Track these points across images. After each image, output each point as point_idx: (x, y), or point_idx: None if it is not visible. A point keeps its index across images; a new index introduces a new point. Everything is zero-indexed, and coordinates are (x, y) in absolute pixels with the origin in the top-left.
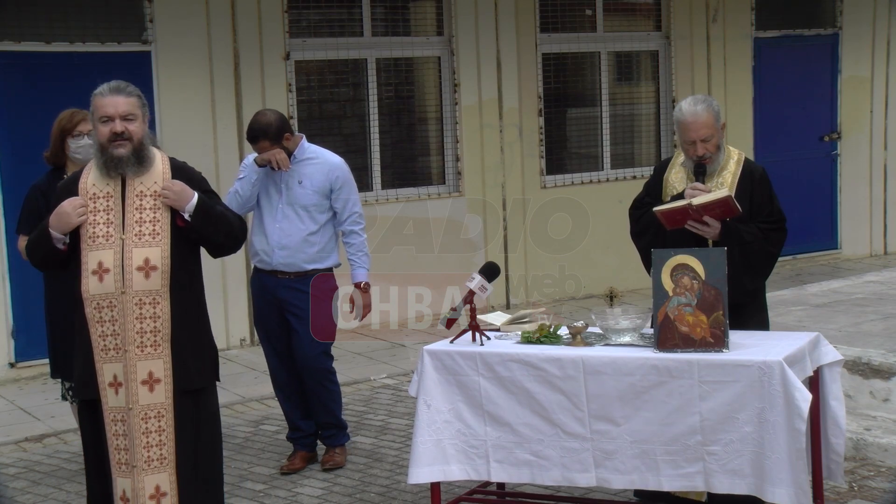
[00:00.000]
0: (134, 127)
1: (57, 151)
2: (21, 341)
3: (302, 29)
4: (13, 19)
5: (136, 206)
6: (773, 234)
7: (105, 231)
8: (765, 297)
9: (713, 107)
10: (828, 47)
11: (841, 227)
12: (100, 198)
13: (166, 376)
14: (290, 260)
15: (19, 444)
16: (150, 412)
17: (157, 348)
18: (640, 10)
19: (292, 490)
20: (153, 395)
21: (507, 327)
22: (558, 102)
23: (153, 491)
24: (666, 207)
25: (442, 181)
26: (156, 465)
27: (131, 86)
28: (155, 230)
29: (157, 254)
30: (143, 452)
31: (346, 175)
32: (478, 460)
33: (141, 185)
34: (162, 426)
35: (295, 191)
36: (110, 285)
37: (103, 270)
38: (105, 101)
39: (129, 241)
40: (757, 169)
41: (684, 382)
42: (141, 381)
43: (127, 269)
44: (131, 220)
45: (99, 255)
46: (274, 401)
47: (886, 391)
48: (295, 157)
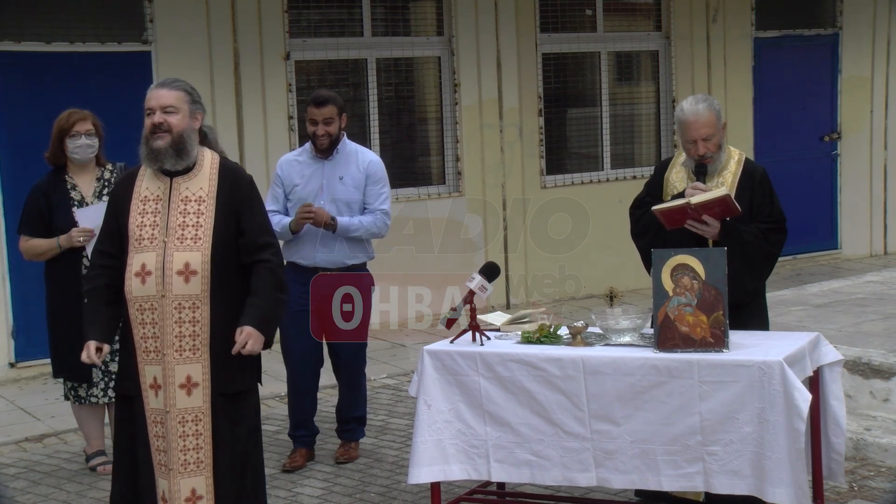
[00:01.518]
0: (174, 119)
1: (56, 152)
2: (21, 341)
3: (302, 29)
4: (13, 19)
5: (180, 210)
6: (774, 235)
7: (150, 233)
8: (765, 297)
9: (714, 106)
10: (828, 47)
11: (841, 227)
12: (150, 200)
13: (204, 380)
14: (331, 256)
15: (19, 444)
16: (188, 416)
17: (195, 352)
18: (640, 10)
19: (292, 490)
20: (191, 398)
21: (507, 327)
22: (558, 102)
23: (189, 494)
24: (665, 206)
25: (442, 181)
26: (192, 468)
27: (182, 81)
28: (197, 234)
29: (197, 258)
30: (180, 455)
31: (380, 171)
32: (478, 460)
33: (187, 190)
34: (199, 430)
35: (336, 187)
36: (151, 288)
37: (146, 273)
38: (151, 94)
39: (171, 244)
40: (758, 169)
41: (684, 382)
42: (179, 385)
43: (167, 272)
44: (174, 223)
45: (143, 258)
46: (274, 400)
47: (886, 391)
48: (338, 151)
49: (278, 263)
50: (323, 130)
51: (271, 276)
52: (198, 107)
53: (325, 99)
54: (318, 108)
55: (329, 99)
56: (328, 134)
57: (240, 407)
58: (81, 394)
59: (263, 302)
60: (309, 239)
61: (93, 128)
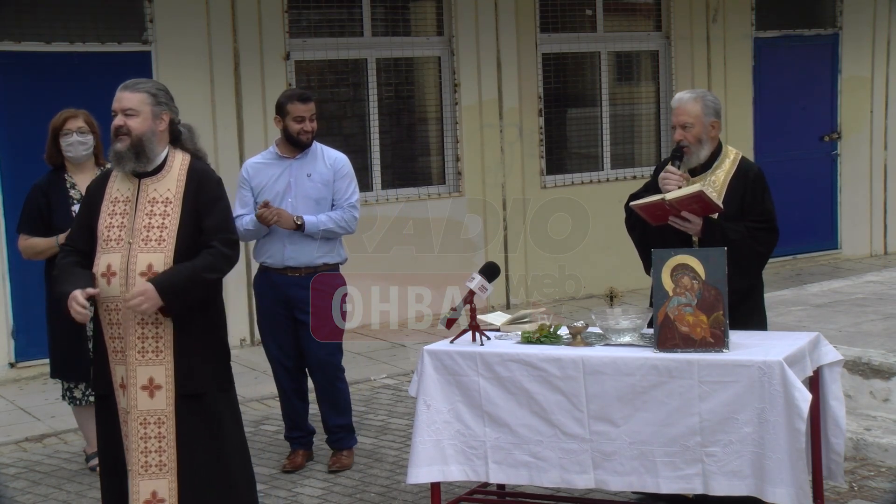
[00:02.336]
0: (133, 122)
1: (52, 152)
2: (21, 341)
3: (302, 29)
4: (13, 19)
5: (146, 212)
6: (762, 234)
7: (117, 234)
8: (762, 297)
9: (705, 99)
10: (828, 47)
11: (841, 227)
12: (119, 201)
13: (168, 383)
14: (299, 255)
15: (19, 444)
16: (150, 418)
17: (158, 354)
18: (640, 10)
19: (292, 490)
20: (153, 400)
21: (507, 327)
22: (558, 102)
23: (149, 496)
24: (642, 202)
25: (442, 181)
26: (154, 470)
27: (147, 82)
28: (161, 236)
29: (160, 260)
30: (140, 457)
31: (347, 167)
32: (476, 461)
33: (154, 192)
34: (162, 433)
35: (305, 184)
36: (116, 288)
37: (111, 273)
38: (115, 96)
39: (135, 245)
40: (752, 168)
41: (684, 382)
42: (141, 387)
43: (131, 273)
44: (140, 224)
45: (108, 258)
46: (274, 401)
47: (886, 391)
48: (305, 151)
49: (221, 253)
50: (310, 126)
51: (204, 256)
52: (163, 108)
53: (309, 95)
54: (304, 104)
55: (310, 95)
56: (314, 130)
57: (209, 409)
58: (77, 395)
59: (183, 270)
60: (277, 237)
61: (85, 125)
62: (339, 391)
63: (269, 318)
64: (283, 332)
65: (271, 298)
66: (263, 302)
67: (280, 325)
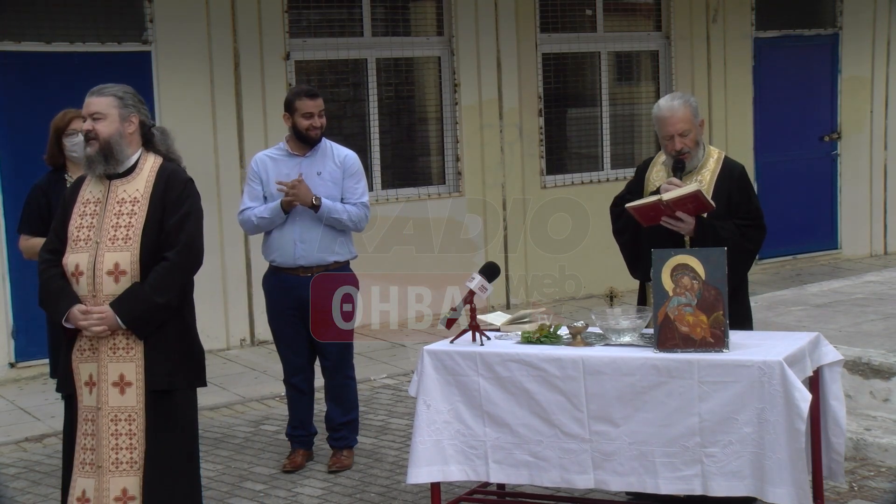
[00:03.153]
0: (100, 126)
1: (54, 152)
2: (21, 341)
3: (302, 29)
4: (13, 19)
5: (115, 212)
6: (751, 232)
7: (86, 235)
8: (748, 295)
9: (690, 103)
10: (828, 47)
11: (841, 227)
12: (90, 203)
13: (138, 380)
14: (311, 253)
15: (19, 444)
16: (121, 415)
17: (129, 351)
18: (640, 10)
19: (292, 490)
20: (124, 397)
21: (507, 327)
22: (558, 102)
23: (119, 493)
24: (638, 203)
25: (442, 181)
26: (125, 467)
27: (115, 86)
28: (128, 235)
29: (126, 258)
30: (111, 454)
31: (357, 165)
32: (477, 461)
33: (124, 192)
34: (133, 430)
35: (314, 182)
36: (84, 288)
37: (79, 273)
38: (84, 103)
39: (102, 245)
40: (736, 167)
41: (684, 383)
42: (112, 383)
43: (98, 272)
44: (108, 224)
45: (76, 258)
46: (274, 401)
47: (886, 391)
48: (315, 148)
49: (177, 263)
50: (318, 122)
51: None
52: (130, 110)
53: (316, 92)
54: (312, 100)
55: (318, 92)
56: (322, 126)
57: (175, 406)
58: None
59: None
60: (287, 234)
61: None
62: (350, 390)
63: (280, 319)
64: (295, 332)
65: (283, 299)
66: (275, 302)
67: (292, 325)
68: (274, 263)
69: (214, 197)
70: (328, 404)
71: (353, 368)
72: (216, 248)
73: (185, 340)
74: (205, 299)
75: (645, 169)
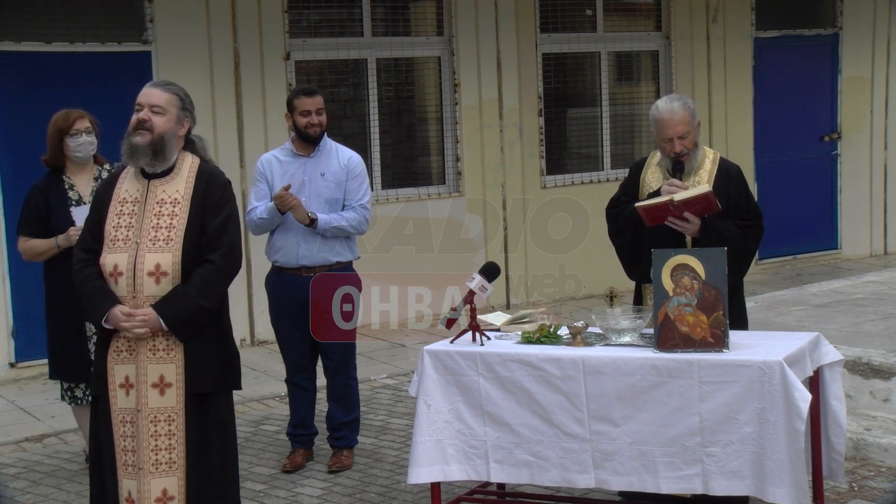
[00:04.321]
0: (159, 120)
1: (55, 153)
2: (21, 341)
3: (302, 29)
4: (13, 19)
5: (154, 213)
6: (751, 231)
7: (125, 234)
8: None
9: (689, 105)
10: (828, 47)
11: (841, 227)
12: (128, 202)
13: (178, 381)
14: (313, 254)
15: (19, 444)
16: (160, 415)
17: (169, 352)
18: (640, 10)
19: (292, 490)
20: (164, 398)
21: (507, 327)
22: (558, 102)
23: (160, 494)
24: (647, 203)
25: (442, 181)
26: (164, 468)
27: (178, 86)
28: (169, 236)
29: (168, 259)
30: (151, 455)
31: (360, 168)
32: (477, 461)
33: (163, 193)
34: (172, 430)
35: (318, 183)
36: (123, 288)
37: (118, 273)
38: (144, 91)
39: (143, 245)
40: (733, 167)
41: (684, 383)
42: (151, 384)
43: (138, 273)
44: (148, 225)
45: (115, 258)
46: (274, 400)
47: (886, 391)
48: (319, 148)
49: (221, 267)
50: (317, 120)
51: (202, 278)
52: (186, 114)
53: (314, 90)
54: (310, 97)
55: (317, 90)
56: (321, 124)
57: (214, 407)
58: (78, 394)
59: (184, 297)
60: (291, 235)
61: (91, 125)
62: (352, 390)
63: (283, 319)
64: (297, 332)
65: (286, 299)
66: (277, 302)
67: (295, 325)
68: (277, 264)
69: None
70: (330, 404)
71: (355, 369)
72: None
73: (224, 344)
74: None
75: (638, 170)
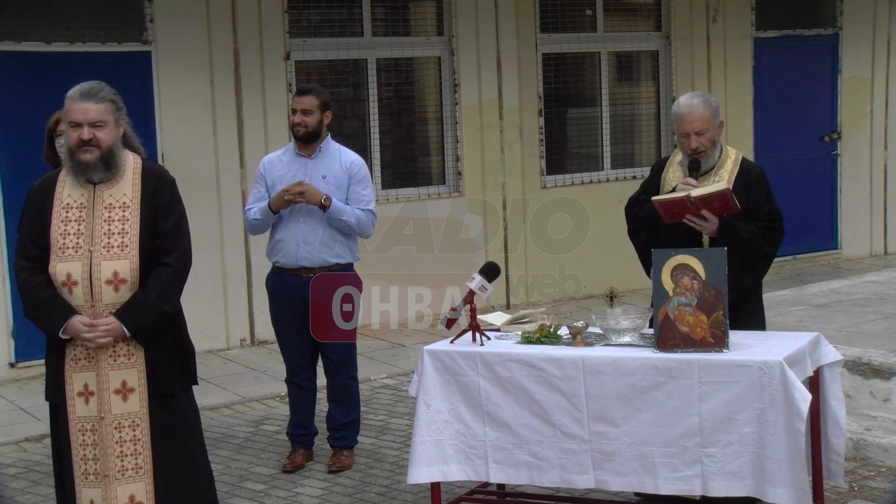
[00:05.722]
0: (102, 134)
1: (48, 153)
2: (21, 341)
3: (302, 29)
4: (13, 19)
5: (104, 218)
6: (770, 234)
7: (74, 242)
8: (762, 297)
9: (710, 102)
10: (828, 47)
11: (841, 227)
12: (73, 208)
13: (140, 385)
14: (313, 254)
15: (19, 444)
16: (125, 421)
17: (130, 357)
18: (640, 10)
19: (292, 490)
20: (127, 403)
21: (507, 327)
22: (558, 102)
23: (127, 500)
24: (665, 198)
25: (442, 181)
26: (131, 474)
27: (105, 89)
28: (123, 242)
29: (125, 266)
30: (117, 462)
31: (363, 171)
32: (477, 461)
33: (110, 197)
34: (137, 435)
35: (318, 185)
36: (79, 298)
37: (72, 283)
38: (75, 106)
39: (97, 253)
40: (755, 168)
41: (684, 383)
42: (114, 391)
43: (96, 281)
44: (100, 231)
45: (67, 267)
46: (274, 400)
47: (886, 391)
48: (321, 150)
49: (178, 270)
50: (300, 119)
51: (162, 283)
52: (121, 113)
53: (307, 90)
54: (299, 96)
55: (311, 90)
56: (304, 124)
57: (178, 408)
58: None
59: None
60: (290, 236)
61: None
62: (352, 390)
63: (283, 319)
64: (297, 333)
65: (286, 299)
66: (277, 302)
67: (295, 325)
68: (277, 264)
69: (214, 197)
70: (330, 404)
71: (356, 369)
72: (216, 248)
73: (180, 342)
74: (205, 299)
75: (660, 168)
